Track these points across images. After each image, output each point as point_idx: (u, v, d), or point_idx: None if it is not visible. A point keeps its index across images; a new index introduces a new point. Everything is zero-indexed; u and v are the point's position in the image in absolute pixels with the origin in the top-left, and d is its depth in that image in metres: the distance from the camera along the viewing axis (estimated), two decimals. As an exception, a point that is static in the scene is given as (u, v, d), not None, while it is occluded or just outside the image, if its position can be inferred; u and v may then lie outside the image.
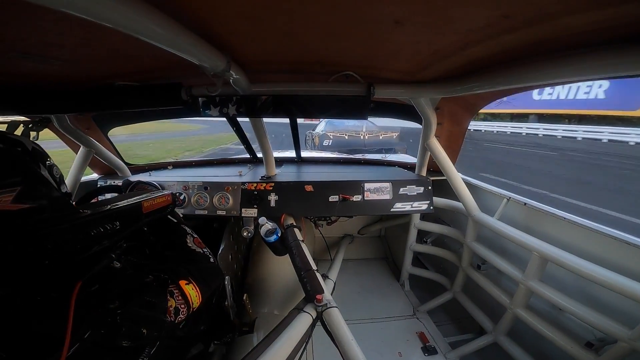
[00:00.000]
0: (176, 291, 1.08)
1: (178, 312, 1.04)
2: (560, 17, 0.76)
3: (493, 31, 0.89)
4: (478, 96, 1.80)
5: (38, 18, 0.77)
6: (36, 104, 1.47)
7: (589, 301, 1.54)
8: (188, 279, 1.15)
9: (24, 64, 1.14)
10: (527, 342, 1.92)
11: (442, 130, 2.24)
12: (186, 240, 1.32)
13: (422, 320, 2.52)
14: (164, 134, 20.84)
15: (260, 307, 2.41)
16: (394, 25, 0.87)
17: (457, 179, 2.20)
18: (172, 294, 1.07)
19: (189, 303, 1.09)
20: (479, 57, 1.13)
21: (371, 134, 8.75)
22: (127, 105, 1.50)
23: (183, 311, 1.06)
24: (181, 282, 1.12)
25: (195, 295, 1.12)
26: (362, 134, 8.74)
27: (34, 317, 0.72)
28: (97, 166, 2.49)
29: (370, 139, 8.64)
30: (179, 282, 1.11)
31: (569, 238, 1.73)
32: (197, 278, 1.17)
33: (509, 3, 0.71)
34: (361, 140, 8.62)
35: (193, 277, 1.17)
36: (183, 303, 1.07)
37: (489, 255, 2.08)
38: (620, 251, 1.47)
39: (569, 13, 0.73)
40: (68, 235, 0.81)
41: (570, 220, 1.72)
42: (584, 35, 0.84)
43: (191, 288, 1.12)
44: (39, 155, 0.86)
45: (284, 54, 1.23)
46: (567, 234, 1.74)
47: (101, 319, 0.83)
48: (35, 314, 0.73)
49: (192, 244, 1.32)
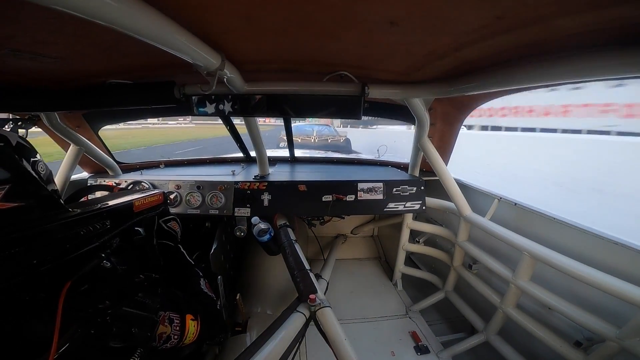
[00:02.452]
0: (177, 321, 1.07)
1: (168, 340, 1.03)
2: (554, 19, 0.77)
3: (487, 32, 0.90)
4: (471, 97, 1.81)
5: (29, 15, 0.76)
6: (26, 101, 1.44)
7: (578, 301, 1.56)
8: (196, 316, 1.15)
9: (15, 61, 1.12)
10: (517, 341, 1.94)
11: (434, 131, 2.25)
12: (200, 282, 1.35)
13: (415, 320, 2.54)
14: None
15: (253, 307, 2.41)
16: (389, 25, 0.87)
17: (449, 179, 2.22)
18: (172, 321, 1.05)
19: (183, 337, 1.07)
20: (472, 58, 1.14)
21: (321, 137, 10.19)
22: (120, 103, 1.48)
23: (172, 342, 1.04)
24: (188, 315, 1.11)
25: (192, 333, 1.11)
26: (313, 137, 10.24)
27: (22, 317, 0.71)
28: (87, 165, 2.45)
29: (319, 142, 10.06)
30: (187, 315, 1.11)
31: (558, 238, 1.75)
32: (203, 319, 1.17)
33: (503, 4, 0.72)
34: (312, 143, 9.91)
35: (201, 316, 1.17)
36: (178, 334, 1.06)
37: (480, 255, 2.10)
38: (609, 251, 1.50)
39: (563, 15, 0.74)
40: (57, 234, 0.80)
41: (560, 220, 1.74)
42: (577, 37, 0.85)
43: (193, 325, 1.12)
44: (25, 150, 0.84)
45: (279, 53, 1.23)
46: (557, 234, 1.76)
47: (91, 319, 0.82)
48: (23, 315, 0.71)
49: (204, 287, 1.35)
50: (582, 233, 1.62)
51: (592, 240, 1.57)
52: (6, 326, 0.68)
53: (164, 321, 1.02)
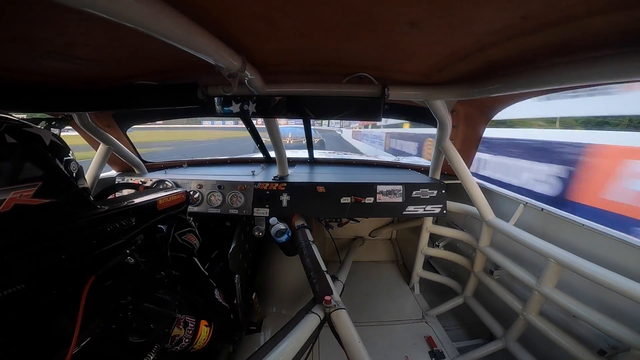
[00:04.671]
0: (192, 325, 1.08)
1: (179, 342, 1.04)
2: (583, 19, 0.74)
3: (512, 33, 0.87)
4: (495, 99, 1.76)
5: (62, 18, 0.80)
6: (59, 101, 1.51)
7: (603, 309, 1.50)
8: (210, 323, 1.16)
9: (49, 63, 1.18)
10: (537, 349, 1.87)
11: (457, 134, 2.20)
12: (214, 293, 1.38)
13: (431, 325, 2.49)
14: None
15: (268, 307, 2.43)
16: (409, 26, 0.86)
17: (471, 183, 2.16)
18: (187, 325, 1.06)
19: (194, 341, 1.08)
20: (497, 58, 1.11)
21: (295, 139, 11.02)
22: (146, 104, 1.53)
23: (183, 345, 1.06)
24: (203, 321, 1.13)
25: (204, 339, 1.12)
26: (289, 139, 11.56)
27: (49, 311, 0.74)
28: (115, 163, 2.55)
29: (293, 143, 10.95)
30: (201, 320, 1.13)
31: (586, 245, 1.68)
32: (216, 327, 1.19)
33: (529, 4, 0.70)
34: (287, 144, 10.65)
35: (215, 324, 1.18)
36: (189, 338, 1.07)
37: (502, 260, 2.03)
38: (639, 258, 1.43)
39: (592, 14, 0.71)
40: (85, 230, 0.84)
41: (589, 227, 1.67)
42: (607, 37, 0.82)
43: (206, 331, 1.13)
44: (59, 149, 0.87)
45: (298, 54, 1.24)
46: (584, 240, 1.69)
47: (113, 314, 0.85)
48: (50, 308, 0.74)
49: (219, 297, 1.38)
50: (611, 240, 1.55)
51: (621, 247, 1.50)
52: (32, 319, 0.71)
53: (179, 324, 1.04)
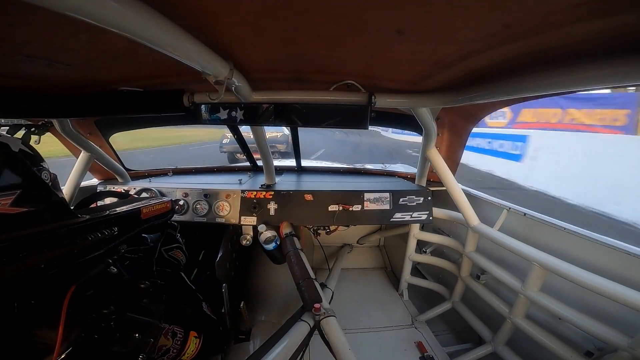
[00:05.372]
0: (180, 335, 1.07)
1: (166, 353, 1.02)
2: (563, 27, 0.76)
3: (495, 41, 0.90)
4: (478, 106, 1.81)
5: (45, 21, 0.78)
6: (39, 108, 1.47)
7: (589, 311, 1.53)
8: (200, 335, 1.15)
9: (30, 67, 1.14)
10: (526, 352, 1.90)
11: (442, 141, 2.24)
12: (202, 305, 1.37)
13: (421, 330, 2.50)
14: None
15: (257, 315, 2.39)
16: (396, 34, 0.88)
17: (456, 189, 2.20)
18: (175, 335, 1.05)
19: (182, 352, 1.07)
20: (480, 66, 1.14)
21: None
22: (130, 110, 1.50)
23: (170, 355, 1.04)
24: (192, 332, 1.11)
25: (192, 350, 1.11)
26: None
27: (28, 320, 0.72)
28: (97, 171, 2.49)
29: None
30: (191, 331, 1.11)
31: (569, 248, 1.73)
32: (207, 340, 1.18)
33: (510, 13, 0.71)
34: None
35: (204, 336, 1.17)
36: (177, 349, 1.05)
37: (488, 265, 2.07)
38: (620, 261, 1.48)
39: (571, 22, 0.73)
40: (66, 239, 0.81)
41: (571, 230, 1.72)
42: (586, 44, 0.84)
43: (195, 342, 1.12)
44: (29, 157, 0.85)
45: (286, 62, 1.24)
46: (567, 244, 1.74)
47: (95, 323, 0.83)
48: (29, 318, 0.72)
49: (207, 310, 1.37)
50: (592, 243, 1.60)
51: (603, 250, 1.55)
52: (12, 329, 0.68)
53: (167, 334, 1.02)
